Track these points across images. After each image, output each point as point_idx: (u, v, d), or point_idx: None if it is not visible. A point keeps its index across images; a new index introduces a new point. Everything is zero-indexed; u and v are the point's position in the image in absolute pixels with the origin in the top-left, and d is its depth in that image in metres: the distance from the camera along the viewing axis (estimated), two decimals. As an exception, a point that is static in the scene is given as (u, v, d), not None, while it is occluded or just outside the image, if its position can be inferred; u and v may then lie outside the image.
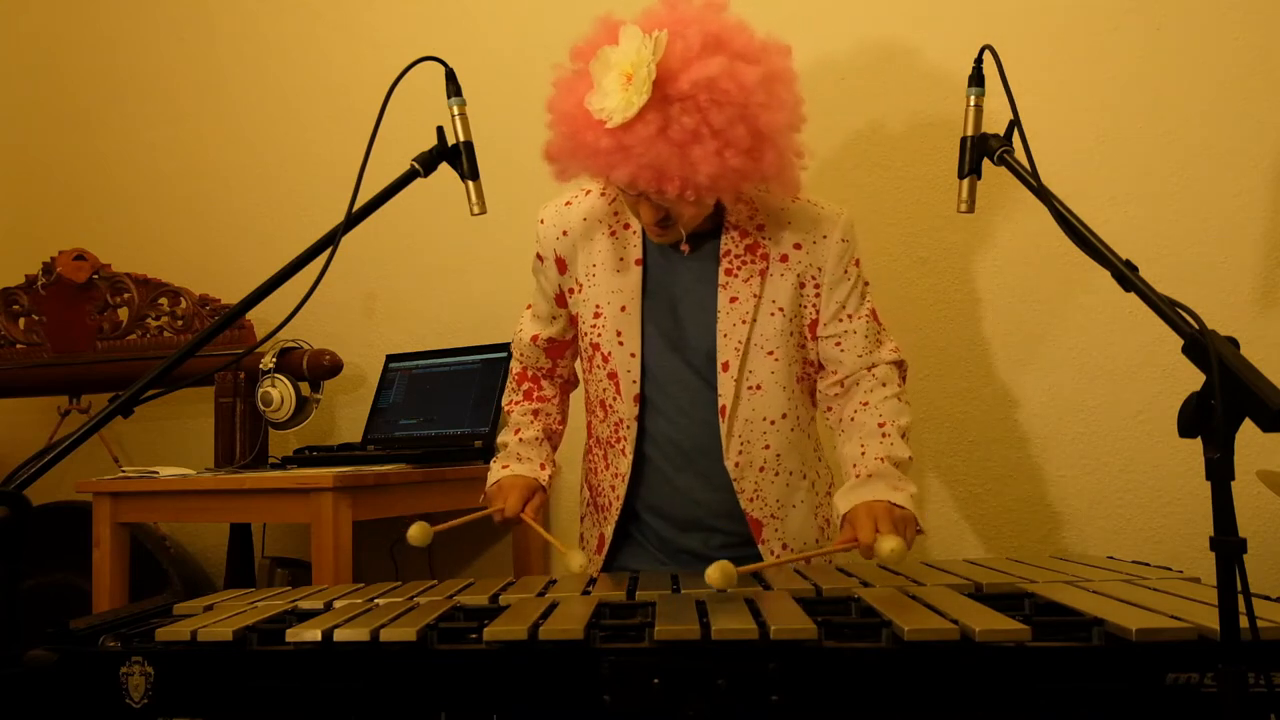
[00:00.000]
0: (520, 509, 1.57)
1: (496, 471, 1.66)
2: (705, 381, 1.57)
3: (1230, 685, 0.83)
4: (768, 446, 1.57)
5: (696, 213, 1.48)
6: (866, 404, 1.55)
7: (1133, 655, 0.96)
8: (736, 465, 1.57)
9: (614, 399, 1.60)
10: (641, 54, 1.30)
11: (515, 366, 1.79)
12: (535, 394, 1.76)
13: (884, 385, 1.56)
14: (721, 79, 1.33)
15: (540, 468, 1.66)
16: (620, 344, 1.58)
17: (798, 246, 1.56)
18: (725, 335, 1.55)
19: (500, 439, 1.73)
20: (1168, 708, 0.94)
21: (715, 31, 1.37)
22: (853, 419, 1.55)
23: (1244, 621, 0.85)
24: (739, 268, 1.56)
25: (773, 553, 1.58)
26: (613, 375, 1.60)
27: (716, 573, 1.18)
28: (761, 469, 1.58)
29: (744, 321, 1.54)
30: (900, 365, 1.60)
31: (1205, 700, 0.93)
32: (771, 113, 1.38)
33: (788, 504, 1.60)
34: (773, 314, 1.55)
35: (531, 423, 1.72)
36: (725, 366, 1.55)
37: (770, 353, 1.56)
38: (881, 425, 1.51)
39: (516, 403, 1.75)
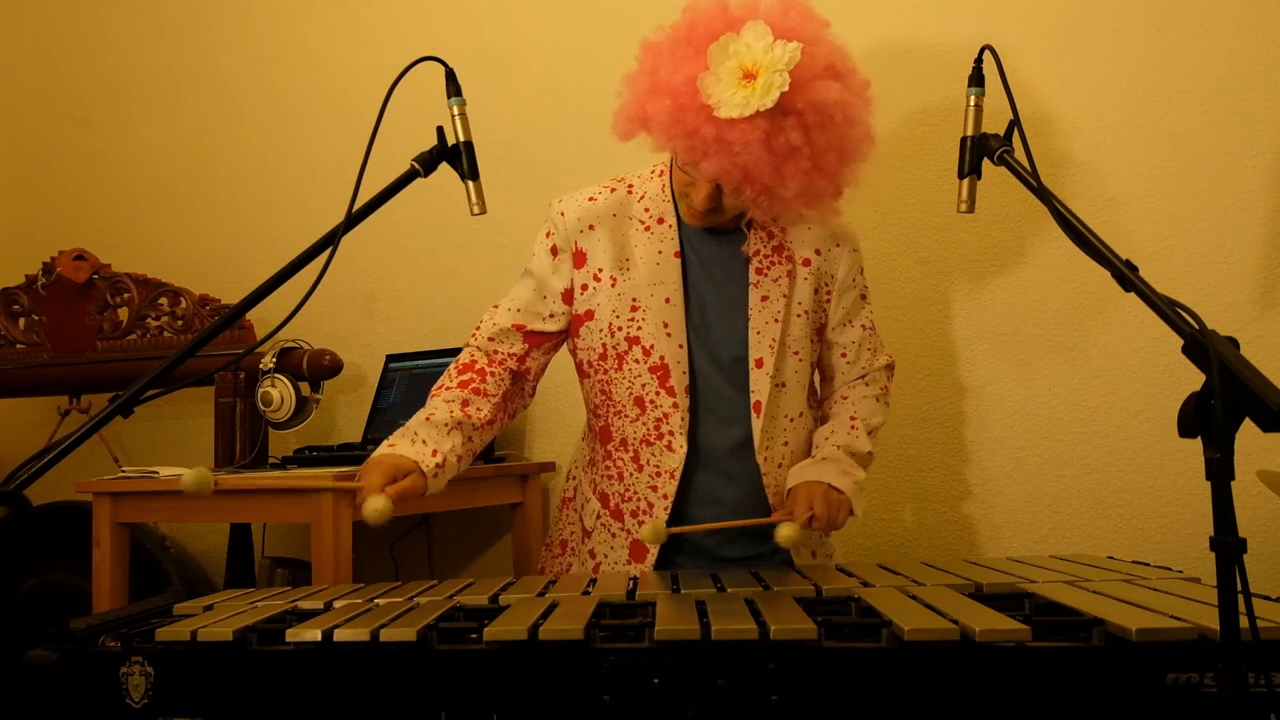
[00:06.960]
0: (379, 489, 1.36)
1: (380, 448, 1.48)
2: (728, 380, 1.58)
3: (1230, 685, 0.83)
4: (786, 443, 1.62)
5: (746, 208, 1.51)
6: (846, 398, 1.69)
7: (1133, 655, 0.96)
8: (765, 460, 1.59)
9: (657, 393, 1.56)
10: (770, 56, 1.30)
11: (465, 357, 1.61)
12: (473, 385, 1.56)
13: (867, 386, 1.69)
14: (835, 106, 1.36)
15: (432, 454, 1.45)
16: (668, 335, 1.56)
17: (817, 253, 1.62)
18: (758, 333, 1.57)
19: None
20: (1168, 708, 0.94)
21: (836, 57, 1.39)
22: (832, 410, 1.70)
23: (1244, 621, 0.85)
24: (768, 268, 1.59)
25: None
26: (657, 369, 1.55)
27: (649, 531, 1.40)
28: (780, 464, 1.61)
29: (776, 320, 1.58)
30: (890, 368, 1.74)
31: (1205, 700, 0.93)
32: (861, 145, 1.44)
33: None
34: (799, 315, 1.60)
35: (451, 410, 1.51)
36: (759, 363, 1.57)
37: (795, 352, 1.61)
38: (852, 419, 1.66)
39: (446, 388, 1.55)
